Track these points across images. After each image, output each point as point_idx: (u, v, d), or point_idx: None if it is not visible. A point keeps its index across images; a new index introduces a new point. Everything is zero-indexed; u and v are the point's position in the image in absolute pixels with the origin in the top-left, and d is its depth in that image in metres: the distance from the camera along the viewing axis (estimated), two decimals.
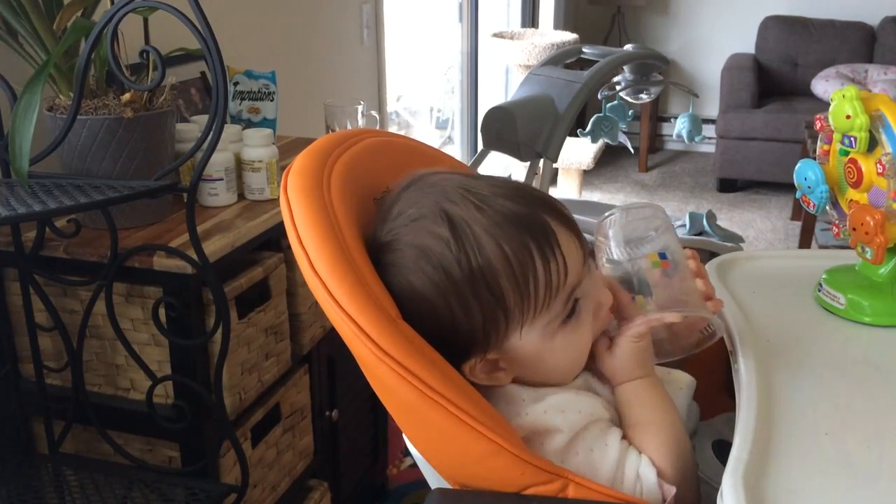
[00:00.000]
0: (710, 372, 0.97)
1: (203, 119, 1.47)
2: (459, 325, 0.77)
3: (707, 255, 2.42)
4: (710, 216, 2.86)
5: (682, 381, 0.87)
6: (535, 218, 0.77)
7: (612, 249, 0.85)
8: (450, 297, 0.76)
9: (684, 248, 0.89)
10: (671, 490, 0.77)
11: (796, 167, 1.02)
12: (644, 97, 2.60)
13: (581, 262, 0.80)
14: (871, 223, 0.91)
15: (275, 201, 1.43)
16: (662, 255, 0.84)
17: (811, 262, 1.07)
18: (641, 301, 0.82)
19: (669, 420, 0.82)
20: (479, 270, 0.75)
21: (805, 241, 3.51)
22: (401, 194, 0.81)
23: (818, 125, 1.00)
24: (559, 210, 0.80)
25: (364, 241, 0.81)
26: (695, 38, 5.18)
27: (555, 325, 0.79)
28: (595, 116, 2.63)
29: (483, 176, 0.84)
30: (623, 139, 2.67)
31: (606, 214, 0.86)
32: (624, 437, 0.81)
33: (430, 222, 0.77)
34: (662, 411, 0.82)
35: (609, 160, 5.02)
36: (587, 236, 0.82)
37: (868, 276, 0.98)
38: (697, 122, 2.68)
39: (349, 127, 1.70)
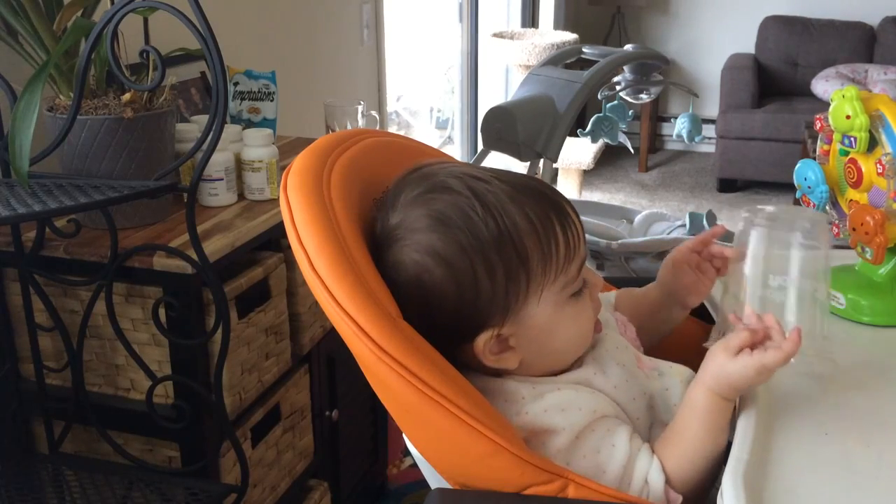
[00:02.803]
0: None
1: (203, 119, 1.47)
2: (482, 289, 0.77)
3: None
4: (710, 216, 2.86)
5: (682, 375, 0.87)
6: (547, 192, 0.81)
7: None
8: (475, 258, 0.77)
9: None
10: (678, 499, 0.77)
11: (796, 167, 1.02)
12: (644, 97, 2.60)
13: (583, 240, 0.83)
14: (871, 223, 0.91)
15: (275, 201, 1.43)
16: None
17: None
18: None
19: (710, 449, 0.78)
20: (507, 231, 0.77)
21: None
22: (405, 182, 0.82)
23: (818, 125, 1.00)
24: (563, 196, 0.83)
25: (365, 239, 0.81)
26: (695, 38, 5.18)
27: (567, 293, 0.80)
28: (595, 116, 2.63)
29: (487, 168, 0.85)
30: (623, 139, 2.67)
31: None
32: (636, 434, 0.80)
33: (450, 193, 0.78)
34: (707, 440, 0.78)
35: (609, 160, 5.01)
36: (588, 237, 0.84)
37: (868, 276, 0.98)
38: (697, 122, 2.68)
39: (349, 127, 1.70)
